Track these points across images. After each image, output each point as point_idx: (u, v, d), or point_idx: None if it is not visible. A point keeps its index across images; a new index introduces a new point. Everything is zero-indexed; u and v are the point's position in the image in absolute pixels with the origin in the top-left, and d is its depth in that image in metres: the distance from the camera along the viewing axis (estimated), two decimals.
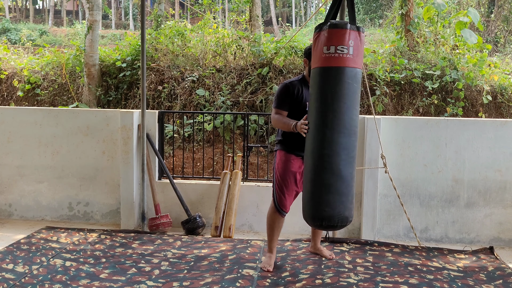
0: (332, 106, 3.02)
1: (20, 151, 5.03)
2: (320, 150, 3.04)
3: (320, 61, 3.05)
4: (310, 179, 3.09)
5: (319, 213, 3.04)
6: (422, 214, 4.57)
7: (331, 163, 3.02)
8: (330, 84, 3.02)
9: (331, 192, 3.02)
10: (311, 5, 39.52)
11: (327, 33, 3.02)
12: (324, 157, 3.03)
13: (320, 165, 3.04)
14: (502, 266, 3.74)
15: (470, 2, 11.60)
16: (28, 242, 4.09)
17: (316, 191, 3.05)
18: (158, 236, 4.45)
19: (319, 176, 3.04)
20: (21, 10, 42.43)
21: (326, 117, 3.02)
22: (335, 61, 3.00)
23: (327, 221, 3.04)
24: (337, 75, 3.01)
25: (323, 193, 3.03)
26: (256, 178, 5.51)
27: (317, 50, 3.08)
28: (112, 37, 25.41)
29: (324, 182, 3.03)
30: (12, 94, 8.27)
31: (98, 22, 7.86)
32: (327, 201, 3.02)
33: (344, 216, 3.06)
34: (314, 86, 3.11)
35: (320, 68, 3.05)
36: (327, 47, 3.01)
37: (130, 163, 4.72)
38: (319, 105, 3.07)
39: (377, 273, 3.51)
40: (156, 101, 7.26)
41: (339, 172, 3.02)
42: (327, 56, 3.01)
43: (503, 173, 4.49)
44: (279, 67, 7.22)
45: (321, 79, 3.05)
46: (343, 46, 2.99)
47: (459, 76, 6.89)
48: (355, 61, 3.01)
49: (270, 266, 3.62)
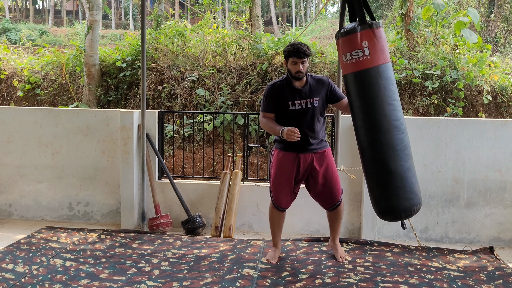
0: (362, 108, 3.23)
1: (20, 151, 5.03)
2: (367, 153, 3.27)
3: (344, 69, 3.29)
4: (370, 179, 3.34)
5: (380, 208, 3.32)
6: (422, 214, 4.56)
7: (378, 162, 3.22)
8: (356, 89, 3.23)
9: (388, 189, 3.23)
10: (311, 5, 39.53)
11: (342, 42, 3.24)
12: (371, 159, 3.26)
13: (371, 166, 3.28)
14: (502, 266, 3.74)
15: (470, 2, 11.60)
16: (28, 242, 4.09)
17: (375, 189, 3.29)
18: (158, 236, 4.45)
19: (373, 176, 3.28)
20: (21, 10, 42.43)
21: (362, 120, 3.24)
22: (353, 67, 3.20)
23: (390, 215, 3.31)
24: (358, 80, 3.21)
25: (382, 190, 3.26)
26: (256, 178, 5.51)
27: (340, 59, 3.32)
28: (112, 37, 25.42)
29: (379, 180, 3.25)
30: (12, 94, 8.27)
31: (98, 22, 7.86)
32: (385, 196, 3.25)
33: (405, 207, 3.23)
34: (347, 95, 3.40)
35: (344, 76, 3.32)
36: (345, 55, 3.22)
37: (130, 163, 4.72)
38: (353, 111, 3.31)
39: (377, 273, 3.51)
40: (156, 101, 7.26)
41: (388, 169, 3.19)
42: (347, 63, 3.23)
43: (503, 173, 4.48)
44: (279, 66, 7.22)
45: (348, 86, 3.30)
46: (357, 50, 3.15)
47: (459, 76, 6.89)
48: (373, 59, 3.15)
49: (274, 259, 3.74)
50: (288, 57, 3.49)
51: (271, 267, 3.66)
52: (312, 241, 4.28)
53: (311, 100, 3.54)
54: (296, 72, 3.48)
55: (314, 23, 26.67)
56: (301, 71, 3.47)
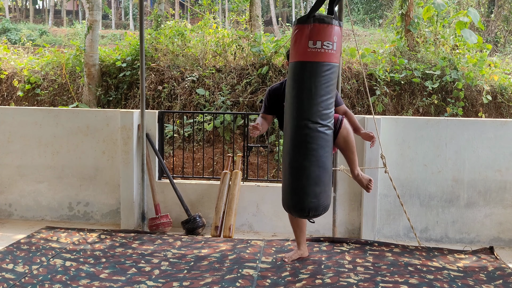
0: (313, 98, 3.13)
1: (20, 151, 5.03)
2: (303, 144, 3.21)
3: (305, 55, 3.11)
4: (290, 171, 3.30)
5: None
6: (422, 214, 4.57)
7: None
8: (315, 78, 3.11)
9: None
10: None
11: (313, 27, 3.08)
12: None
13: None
14: (502, 266, 3.74)
15: (470, 2, 11.60)
16: (28, 242, 4.09)
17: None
18: (158, 236, 4.45)
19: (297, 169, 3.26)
20: (21, 10, 42.42)
21: (307, 109, 3.13)
22: (321, 57, 3.09)
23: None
24: (322, 70, 3.11)
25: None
26: (256, 178, 5.51)
27: (300, 44, 3.12)
28: (112, 37, 25.41)
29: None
30: (12, 94, 8.26)
31: (98, 22, 7.86)
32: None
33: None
34: (296, 79, 3.17)
35: (304, 62, 3.12)
36: (313, 41, 3.07)
37: (130, 163, 4.72)
38: (299, 97, 3.17)
39: (377, 273, 3.51)
40: (156, 101, 7.26)
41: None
42: (312, 51, 3.08)
43: (503, 173, 4.48)
44: (279, 67, 7.22)
45: (305, 72, 3.13)
46: (329, 42, 3.08)
47: (459, 76, 6.89)
48: (337, 56, 3.15)
49: (289, 259, 3.76)
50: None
51: (271, 267, 3.66)
52: (312, 241, 4.28)
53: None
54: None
55: None
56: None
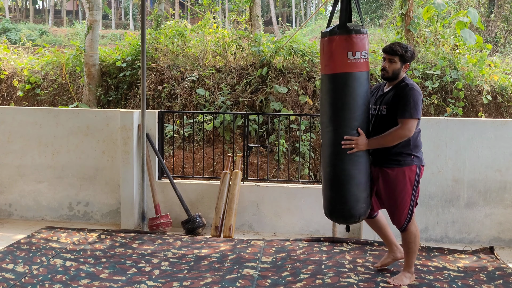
0: (356, 109, 3.20)
1: (20, 151, 5.03)
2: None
3: (345, 67, 3.12)
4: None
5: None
6: (422, 214, 4.56)
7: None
8: (361, 89, 3.17)
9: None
10: (311, 5, 39.53)
11: (354, 39, 3.11)
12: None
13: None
14: (502, 266, 3.74)
15: (470, 2, 11.60)
16: (28, 242, 4.09)
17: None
18: (158, 236, 4.45)
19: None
20: (21, 10, 42.43)
21: (354, 118, 3.18)
22: (363, 67, 3.15)
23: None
24: (365, 80, 3.18)
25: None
26: (256, 178, 5.50)
27: (338, 55, 3.13)
28: (112, 37, 25.42)
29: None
30: (12, 94, 8.26)
31: (98, 22, 7.85)
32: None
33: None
34: (345, 90, 3.16)
35: (347, 74, 3.14)
36: (353, 52, 3.11)
37: (130, 163, 4.72)
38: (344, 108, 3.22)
39: (378, 273, 3.52)
40: (156, 101, 7.25)
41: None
42: (354, 61, 3.12)
43: (503, 173, 4.48)
44: (279, 67, 7.21)
45: (354, 84, 3.16)
46: (365, 51, 3.15)
47: (459, 76, 6.88)
48: (368, 64, 3.20)
49: (399, 281, 3.34)
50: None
51: (271, 267, 3.66)
52: (312, 241, 4.28)
53: (380, 108, 3.29)
54: (381, 68, 3.31)
55: (314, 23, 26.67)
56: (385, 68, 3.25)
